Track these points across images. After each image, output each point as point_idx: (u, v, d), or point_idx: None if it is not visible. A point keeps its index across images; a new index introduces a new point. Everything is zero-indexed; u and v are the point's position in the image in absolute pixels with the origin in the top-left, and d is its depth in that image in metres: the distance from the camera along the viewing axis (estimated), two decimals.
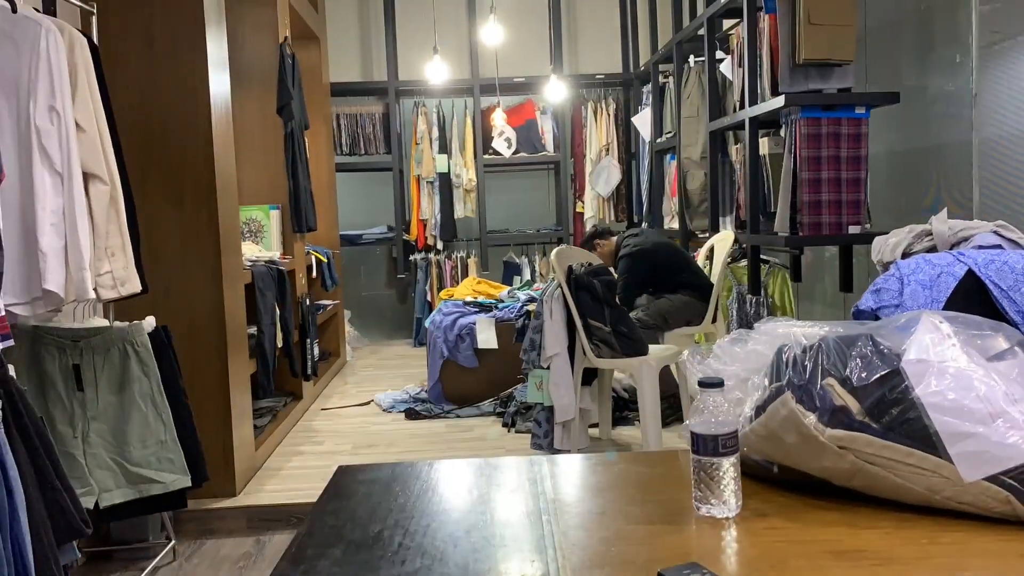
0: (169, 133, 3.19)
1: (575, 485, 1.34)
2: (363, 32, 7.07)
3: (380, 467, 1.42)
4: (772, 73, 3.68)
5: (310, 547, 1.09)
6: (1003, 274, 1.59)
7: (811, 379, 1.14)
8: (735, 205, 4.43)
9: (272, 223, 4.51)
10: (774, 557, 1.02)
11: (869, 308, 1.70)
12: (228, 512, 3.22)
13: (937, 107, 3.86)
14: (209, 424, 3.18)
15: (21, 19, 2.23)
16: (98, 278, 2.41)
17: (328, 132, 6.08)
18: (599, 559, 1.03)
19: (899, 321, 1.20)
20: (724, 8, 4.30)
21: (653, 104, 5.91)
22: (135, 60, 3.17)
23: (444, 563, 1.02)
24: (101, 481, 2.56)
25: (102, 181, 2.42)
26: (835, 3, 3.41)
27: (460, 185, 6.84)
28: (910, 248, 2.13)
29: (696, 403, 1.14)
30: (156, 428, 2.65)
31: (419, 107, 6.87)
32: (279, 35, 4.54)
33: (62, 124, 2.26)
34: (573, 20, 7.16)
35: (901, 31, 4.19)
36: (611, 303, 3.54)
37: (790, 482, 1.21)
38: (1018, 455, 1.04)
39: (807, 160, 3.47)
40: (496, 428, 4.27)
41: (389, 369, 5.90)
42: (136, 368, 2.62)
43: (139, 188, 2.83)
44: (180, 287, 3.21)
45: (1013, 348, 1.15)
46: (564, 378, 3.56)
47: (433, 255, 6.89)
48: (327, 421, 4.57)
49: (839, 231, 3.53)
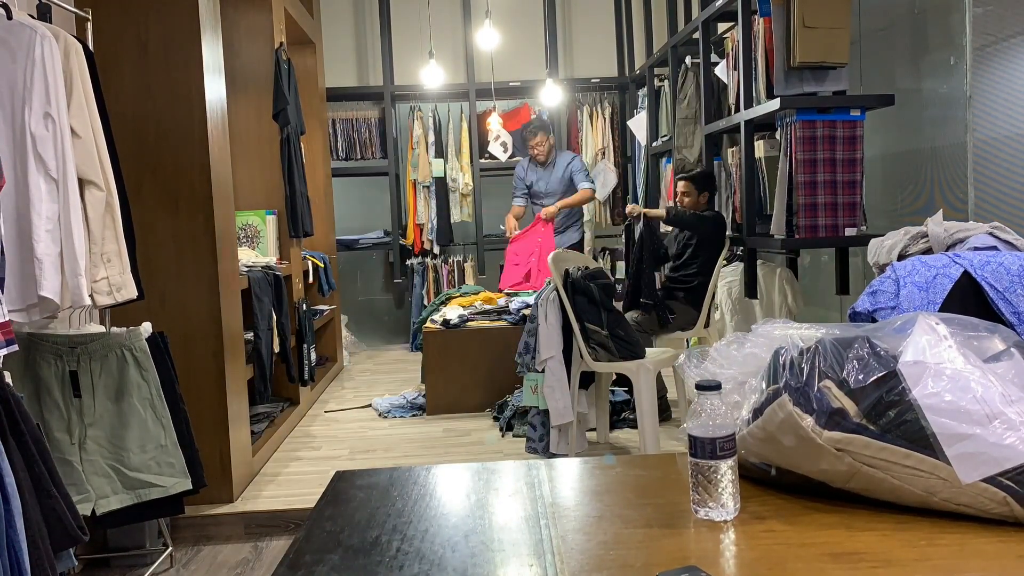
0: (164, 139, 3.19)
1: (573, 489, 1.34)
2: (359, 37, 7.07)
3: (378, 472, 1.41)
4: (767, 76, 3.69)
5: (308, 553, 1.08)
6: (999, 275, 1.60)
7: (808, 381, 1.14)
8: (731, 208, 4.44)
9: (268, 228, 4.51)
10: (772, 560, 1.02)
11: (865, 310, 1.70)
12: (225, 518, 3.21)
13: (931, 109, 3.87)
14: (206, 430, 3.18)
15: (16, 25, 2.23)
16: (94, 284, 2.40)
17: (324, 137, 6.09)
18: (597, 563, 1.03)
19: (896, 323, 1.20)
20: (719, 12, 4.31)
21: (648, 108, 5.92)
22: (130, 66, 3.16)
23: (442, 568, 1.02)
24: (98, 488, 2.55)
25: (98, 187, 2.42)
26: (829, 6, 3.43)
27: (456, 189, 6.84)
28: (906, 250, 2.13)
29: (693, 406, 1.14)
30: (156, 433, 2.64)
31: (415, 112, 6.87)
32: (274, 40, 4.54)
33: (57, 130, 2.26)
34: (568, 24, 7.17)
35: (895, 34, 4.20)
36: (608, 307, 3.54)
37: (788, 485, 1.22)
38: (1015, 456, 1.04)
39: (803, 163, 3.47)
40: (494, 432, 4.27)
41: (386, 374, 5.90)
42: (135, 373, 2.62)
43: (134, 194, 2.83)
44: (176, 293, 3.21)
45: (1009, 349, 1.16)
46: (559, 382, 3.55)
47: (430, 260, 6.89)
48: (324, 426, 4.57)
49: (835, 233, 3.54)
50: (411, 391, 4.96)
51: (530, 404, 3.68)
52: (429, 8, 6.62)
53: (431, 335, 4.73)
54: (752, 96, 3.88)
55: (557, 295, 3.58)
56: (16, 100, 2.23)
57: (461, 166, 6.84)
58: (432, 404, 4.68)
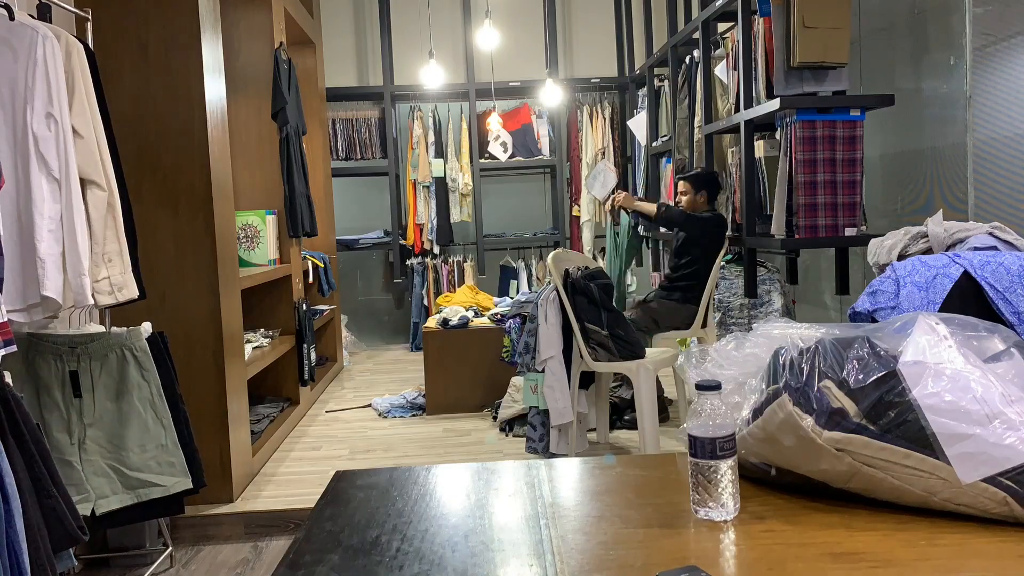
0: (164, 139, 3.19)
1: (573, 489, 1.34)
2: (359, 37, 7.07)
3: (378, 472, 1.42)
4: (767, 76, 3.69)
5: (308, 553, 1.08)
6: (999, 275, 1.60)
7: (808, 381, 1.14)
8: (731, 208, 4.44)
9: (268, 228, 4.51)
10: (772, 560, 1.02)
11: (865, 310, 1.70)
12: (225, 518, 3.22)
13: (931, 109, 3.87)
14: (206, 430, 3.18)
15: (17, 26, 2.23)
16: (95, 284, 2.40)
17: (324, 137, 6.09)
18: (597, 563, 1.03)
19: (895, 323, 1.20)
20: (719, 12, 4.31)
21: (648, 108, 5.92)
22: (130, 66, 3.17)
23: (442, 568, 1.02)
24: (98, 488, 2.55)
25: (99, 187, 2.42)
26: (829, 6, 3.42)
27: (456, 189, 6.84)
28: (906, 250, 2.13)
29: (693, 406, 1.14)
30: (156, 432, 2.64)
31: (415, 112, 6.87)
32: (274, 40, 4.54)
33: (59, 130, 2.26)
34: (568, 24, 7.17)
35: (895, 34, 4.20)
36: (608, 307, 3.54)
37: (788, 484, 1.22)
38: (1015, 456, 1.04)
39: (803, 163, 3.47)
40: (494, 432, 4.27)
41: (386, 374, 5.90)
42: (135, 373, 2.62)
43: (135, 194, 2.83)
44: (176, 293, 3.21)
45: (1009, 349, 1.16)
46: (559, 382, 3.55)
47: (430, 260, 6.89)
48: (324, 426, 4.57)
49: (835, 233, 3.54)
50: (411, 391, 4.96)
51: (530, 404, 3.68)
52: (429, 8, 6.62)
53: (431, 335, 4.74)
54: (752, 96, 3.88)
55: (557, 295, 3.58)
56: (18, 100, 2.23)
57: (461, 166, 6.84)
58: (432, 404, 4.69)
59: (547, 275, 5.65)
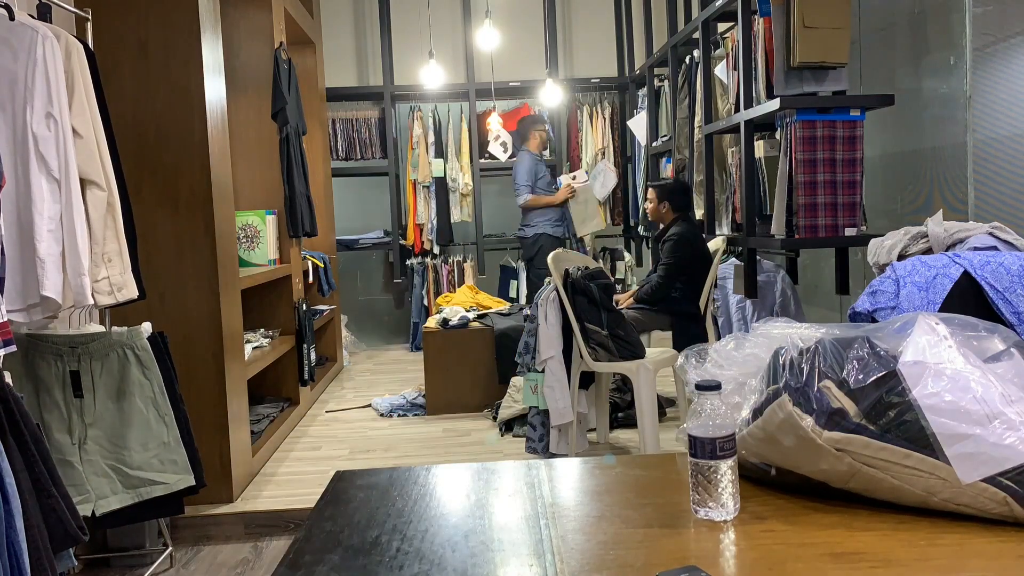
0: (164, 139, 3.19)
1: (573, 489, 1.34)
2: (358, 37, 7.07)
3: (378, 472, 1.42)
4: (767, 76, 3.69)
5: (308, 553, 1.08)
6: (999, 275, 1.60)
7: (808, 381, 1.14)
8: (731, 208, 4.44)
9: (268, 228, 4.51)
10: (772, 560, 1.02)
11: (865, 310, 1.70)
12: (225, 518, 3.22)
13: (931, 109, 3.87)
14: (206, 430, 3.18)
15: (17, 26, 2.23)
16: (95, 284, 2.40)
17: (324, 137, 6.09)
18: (597, 563, 1.03)
19: (895, 323, 1.20)
20: (719, 11, 4.31)
21: (648, 107, 5.92)
22: (130, 66, 3.16)
23: (442, 568, 1.02)
24: (98, 488, 2.55)
25: (99, 187, 2.42)
26: (829, 6, 3.42)
27: (456, 189, 6.84)
28: (906, 250, 2.13)
29: (693, 406, 1.14)
30: (158, 430, 2.64)
31: (415, 112, 6.87)
32: (274, 40, 4.54)
33: (59, 130, 2.26)
34: (568, 24, 7.17)
35: (895, 34, 4.20)
36: (608, 307, 3.54)
37: (788, 484, 1.22)
38: (1015, 456, 1.04)
39: (802, 163, 3.47)
40: (494, 432, 4.27)
41: (386, 374, 5.90)
42: (137, 372, 2.62)
43: (134, 194, 2.83)
44: (176, 293, 3.21)
45: (1009, 349, 1.16)
46: (559, 382, 3.55)
47: (430, 260, 6.89)
48: (324, 426, 4.57)
49: (835, 233, 3.54)
50: (411, 391, 4.96)
51: (530, 404, 3.68)
52: (429, 8, 6.62)
53: (431, 335, 4.74)
54: (752, 96, 3.88)
55: (557, 295, 3.58)
56: (18, 100, 2.23)
57: (461, 166, 6.84)
58: (432, 404, 4.69)
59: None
